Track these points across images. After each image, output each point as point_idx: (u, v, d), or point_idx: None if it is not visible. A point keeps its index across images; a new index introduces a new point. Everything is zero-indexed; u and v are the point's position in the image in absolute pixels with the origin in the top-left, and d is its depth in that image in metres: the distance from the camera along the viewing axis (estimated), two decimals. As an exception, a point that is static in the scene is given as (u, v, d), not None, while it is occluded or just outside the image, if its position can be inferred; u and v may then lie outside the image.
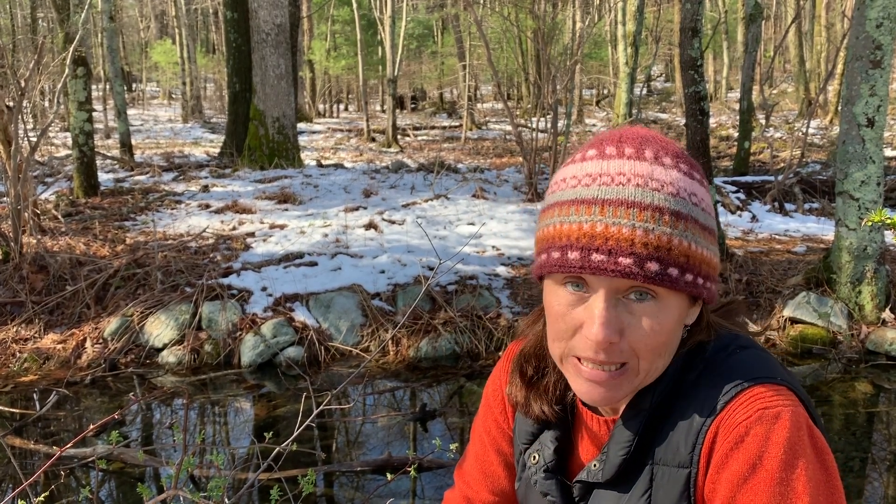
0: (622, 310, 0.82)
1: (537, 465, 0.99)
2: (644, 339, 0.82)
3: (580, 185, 0.84)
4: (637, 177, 0.82)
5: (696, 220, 0.83)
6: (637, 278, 0.79)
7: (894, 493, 3.80)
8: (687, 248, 0.81)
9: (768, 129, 16.18)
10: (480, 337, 5.65)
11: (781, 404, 0.80)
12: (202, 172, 11.11)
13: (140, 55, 35.56)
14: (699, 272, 0.83)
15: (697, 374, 0.87)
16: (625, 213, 0.80)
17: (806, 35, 24.18)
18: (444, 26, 30.70)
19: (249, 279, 6.15)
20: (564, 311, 0.85)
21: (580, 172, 0.85)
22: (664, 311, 0.83)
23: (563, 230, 0.83)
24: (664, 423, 0.87)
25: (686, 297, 0.85)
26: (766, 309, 5.92)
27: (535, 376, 1.00)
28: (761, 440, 0.78)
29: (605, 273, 0.79)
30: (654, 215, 0.80)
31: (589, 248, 0.80)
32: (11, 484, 3.84)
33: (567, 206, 0.84)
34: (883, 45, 5.36)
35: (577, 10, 21.35)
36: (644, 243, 0.79)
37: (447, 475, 3.87)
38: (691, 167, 0.86)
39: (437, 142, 18.35)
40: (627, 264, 0.79)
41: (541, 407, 0.98)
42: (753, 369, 0.84)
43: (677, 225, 0.81)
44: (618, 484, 0.90)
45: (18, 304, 5.86)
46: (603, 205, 0.81)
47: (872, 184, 5.53)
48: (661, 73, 37.62)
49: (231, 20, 11.92)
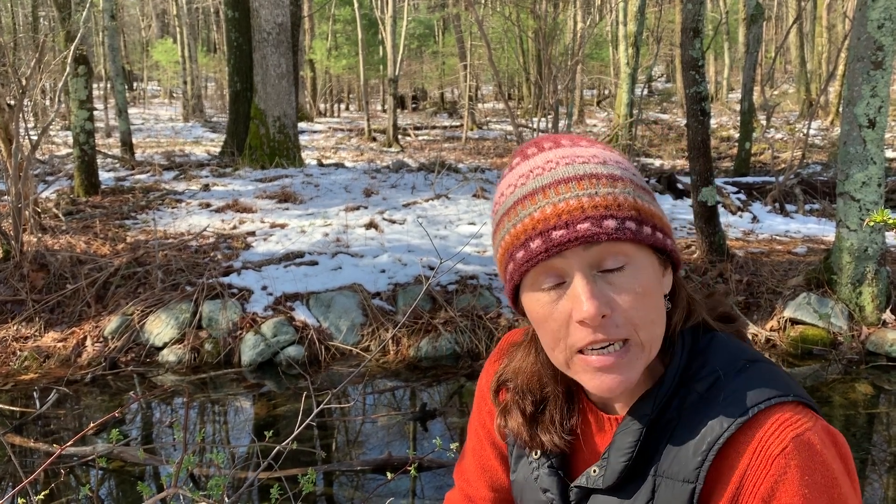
0: (602, 284, 0.83)
1: (539, 459, 0.99)
2: (633, 304, 0.83)
3: (517, 188, 0.87)
4: (563, 158, 0.87)
5: (630, 180, 0.87)
6: (600, 237, 0.82)
7: (894, 495, 3.80)
8: (634, 203, 0.85)
9: (769, 130, 16.17)
10: (481, 337, 5.66)
11: (808, 427, 0.81)
12: (203, 171, 11.11)
13: (141, 54, 35.56)
14: (654, 225, 0.86)
15: (707, 387, 0.87)
16: (565, 188, 0.84)
17: (807, 36, 24.19)
18: (446, 26, 30.70)
19: (250, 278, 6.15)
20: (550, 310, 0.85)
21: (513, 178, 0.89)
22: (640, 272, 0.84)
23: (518, 229, 0.85)
24: (670, 434, 0.87)
25: (654, 256, 0.87)
26: (766, 310, 5.92)
27: (536, 410, 0.99)
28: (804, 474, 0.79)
29: (570, 245, 0.82)
30: (591, 182, 0.84)
31: (547, 230, 0.82)
32: (11, 482, 3.85)
33: (513, 208, 0.87)
34: (884, 46, 5.36)
35: (579, 11, 21.35)
36: (593, 206, 0.82)
37: (447, 475, 3.87)
38: (611, 148, 0.91)
39: (438, 141, 18.35)
40: (586, 228, 0.81)
41: (551, 440, 0.97)
42: (767, 387, 0.84)
43: (616, 185, 0.85)
44: (618, 492, 0.89)
45: (19, 302, 5.86)
46: (544, 190, 0.84)
47: (873, 185, 5.52)
48: (662, 73, 37.62)
49: (232, 19, 11.92)
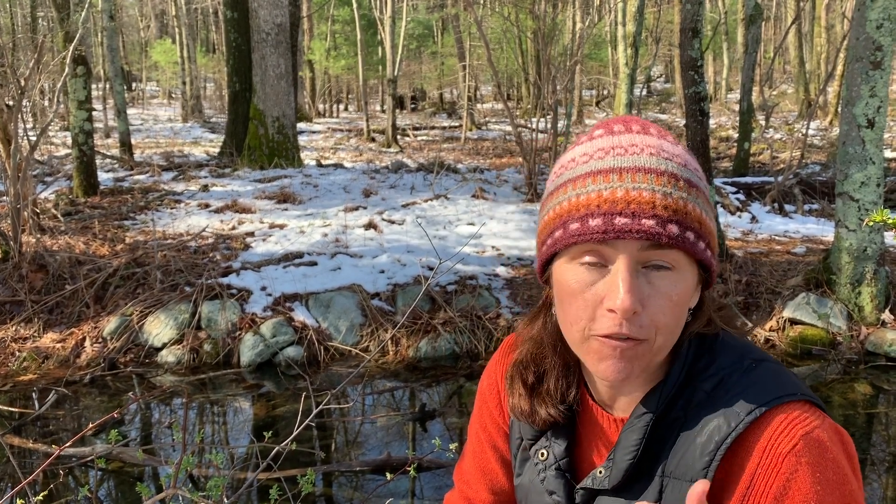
0: (643, 280, 0.82)
1: (546, 461, 0.98)
2: (663, 310, 0.82)
3: (593, 160, 0.85)
4: (649, 147, 0.85)
5: (703, 192, 0.86)
6: (661, 238, 0.80)
7: (894, 495, 3.80)
8: (700, 216, 0.84)
9: (768, 131, 16.18)
10: (480, 337, 5.65)
11: (816, 425, 0.81)
12: (202, 172, 11.11)
13: (140, 54, 35.54)
14: (709, 242, 0.85)
15: (713, 385, 0.86)
16: (643, 178, 0.82)
17: (806, 36, 24.20)
18: (445, 26, 30.70)
19: (249, 279, 6.14)
20: (583, 288, 0.84)
21: (591, 149, 0.87)
22: (681, 282, 0.84)
23: (581, 201, 0.83)
24: (676, 433, 0.86)
25: (696, 269, 0.86)
26: (765, 310, 5.92)
27: (537, 382, 0.99)
28: (816, 471, 0.79)
29: (630, 236, 0.80)
30: (670, 180, 0.82)
31: (612, 213, 0.81)
32: (10, 483, 3.84)
33: (582, 179, 0.85)
34: (883, 47, 5.36)
35: (577, 11, 21.36)
36: (664, 206, 0.81)
37: (446, 475, 3.87)
38: (688, 152, 0.90)
39: (437, 142, 18.35)
40: (651, 226, 0.80)
41: (547, 411, 0.97)
42: (774, 386, 0.84)
43: (691, 192, 0.84)
44: (624, 492, 0.89)
45: (18, 303, 5.85)
46: (621, 172, 0.83)
47: (872, 185, 5.53)
48: (661, 73, 37.63)
49: (231, 20, 11.92)
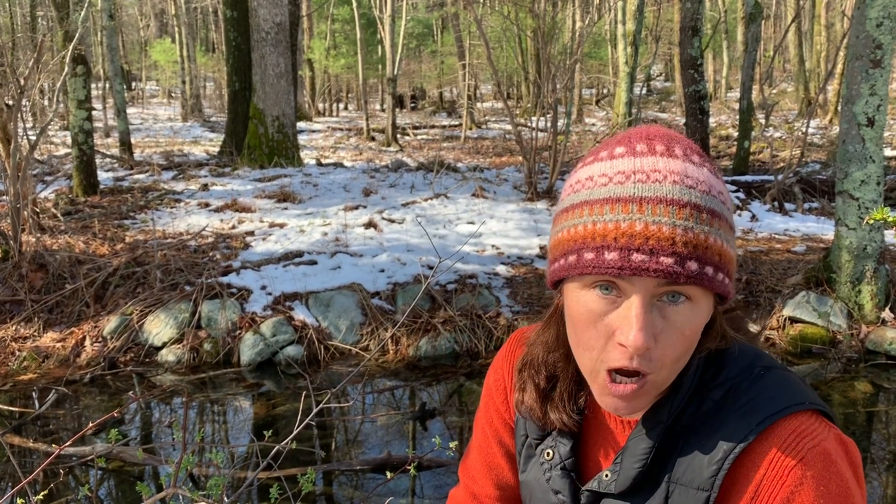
0: (656, 314, 0.80)
1: (552, 461, 0.97)
2: (674, 345, 0.80)
3: (612, 183, 0.80)
4: (672, 174, 0.79)
5: (726, 218, 0.82)
6: (679, 278, 0.77)
7: (894, 494, 3.80)
8: (720, 247, 0.80)
9: (768, 129, 16.17)
10: (480, 336, 5.65)
11: (823, 438, 0.80)
12: (202, 171, 11.10)
13: (140, 54, 35.55)
14: (728, 272, 0.82)
15: (723, 394, 0.86)
16: (664, 211, 0.77)
17: (806, 34, 24.20)
18: (444, 25, 30.69)
19: (249, 278, 6.14)
20: (595, 319, 0.81)
21: (610, 170, 0.82)
22: (696, 314, 0.81)
23: (598, 230, 0.79)
24: (685, 441, 0.86)
25: (713, 298, 0.83)
26: (765, 308, 5.92)
27: (549, 387, 0.97)
28: (820, 484, 0.78)
29: (646, 273, 0.76)
30: (692, 213, 0.78)
31: (629, 248, 0.77)
32: (10, 482, 3.84)
33: (600, 204, 0.80)
34: (883, 45, 5.36)
35: (577, 10, 21.35)
36: (684, 242, 0.77)
37: (446, 474, 3.87)
38: (714, 166, 0.85)
39: (437, 141, 18.35)
40: (669, 264, 0.76)
41: (559, 417, 0.95)
42: (783, 396, 0.84)
43: (713, 223, 0.79)
44: (630, 497, 0.88)
45: (18, 302, 5.85)
46: (641, 203, 0.78)
47: (872, 183, 5.53)
48: (660, 72, 37.61)
49: (231, 19, 11.92)
